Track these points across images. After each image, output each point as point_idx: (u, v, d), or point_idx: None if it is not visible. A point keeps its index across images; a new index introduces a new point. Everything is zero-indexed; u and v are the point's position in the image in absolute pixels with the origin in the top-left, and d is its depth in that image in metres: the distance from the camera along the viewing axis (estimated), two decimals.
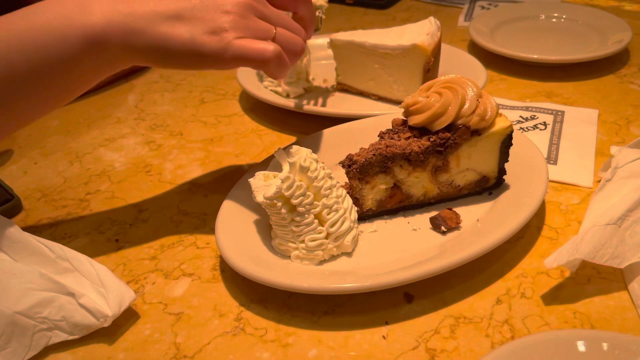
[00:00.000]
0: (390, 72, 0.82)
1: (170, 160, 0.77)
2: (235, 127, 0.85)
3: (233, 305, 0.53)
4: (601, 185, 0.59)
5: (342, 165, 0.56)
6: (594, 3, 1.21)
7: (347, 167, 0.56)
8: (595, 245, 0.48)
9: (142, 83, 1.02)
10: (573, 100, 0.84)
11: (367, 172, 0.56)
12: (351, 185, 0.57)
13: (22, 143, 0.85)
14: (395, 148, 0.55)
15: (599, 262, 0.48)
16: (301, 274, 0.52)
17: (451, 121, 0.55)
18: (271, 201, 0.51)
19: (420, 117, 0.56)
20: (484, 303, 0.50)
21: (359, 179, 0.57)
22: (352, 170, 0.56)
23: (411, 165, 0.57)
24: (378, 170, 0.57)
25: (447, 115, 0.55)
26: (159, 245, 0.61)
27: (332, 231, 0.53)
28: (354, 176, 0.56)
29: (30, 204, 0.70)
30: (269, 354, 0.48)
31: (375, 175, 0.57)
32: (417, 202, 0.61)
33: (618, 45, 0.91)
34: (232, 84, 0.98)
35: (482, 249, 0.50)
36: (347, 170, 0.56)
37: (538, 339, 0.42)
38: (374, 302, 0.51)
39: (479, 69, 0.85)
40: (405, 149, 0.55)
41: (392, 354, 0.46)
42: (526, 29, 1.07)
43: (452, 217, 0.57)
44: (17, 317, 0.47)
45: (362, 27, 1.18)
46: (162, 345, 0.49)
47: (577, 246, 0.49)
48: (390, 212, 0.60)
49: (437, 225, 0.57)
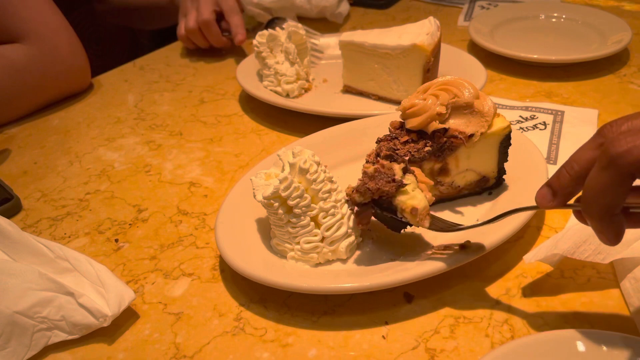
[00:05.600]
0: (390, 72, 0.82)
1: (170, 160, 0.77)
2: (235, 127, 0.85)
3: (233, 305, 0.53)
4: None
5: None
6: (593, 3, 1.21)
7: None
8: (575, 242, 0.49)
9: (142, 83, 1.02)
10: (573, 100, 0.84)
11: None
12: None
13: (22, 143, 0.85)
14: (385, 185, 0.50)
15: (579, 258, 0.49)
16: (301, 274, 0.52)
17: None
18: (268, 201, 0.51)
19: (418, 119, 0.56)
20: (483, 303, 0.50)
21: None
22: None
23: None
24: None
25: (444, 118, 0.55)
26: (158, 245, 0.61)
27: (327, 235, 0.53)
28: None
29: (29, 203, 0.70)
30: (269, 354, 0.47)
31: None
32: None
33: (618, 45, 0.91)
34: (232, 84, 0.98)
35: (482, 249, 0.50)
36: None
37: (538, 339, 0.42)
38: (373, 302, 0.51)
39: (479, 69, 0.85)
40: (395, 179, 0.50)
41: (392, 354, 0.46)
42: (526, 29, 1.07)
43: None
44: (16, 317, 0.47)
45: (362, 27, 1.18)
46: (162, 345, 0.49)
47: (556, 243, 0.49)
48: None
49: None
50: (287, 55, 0.87)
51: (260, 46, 0.87)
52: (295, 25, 0.91)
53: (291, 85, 0.86)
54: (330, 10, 1.17)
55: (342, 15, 1.20)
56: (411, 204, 0.48)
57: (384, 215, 0.51)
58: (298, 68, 0.87)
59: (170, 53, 1.15)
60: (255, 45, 0.87)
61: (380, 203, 0.51)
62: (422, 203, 0.48)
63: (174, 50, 1.17)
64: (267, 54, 0.87)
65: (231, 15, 1.05)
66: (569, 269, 0.53)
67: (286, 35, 0.88)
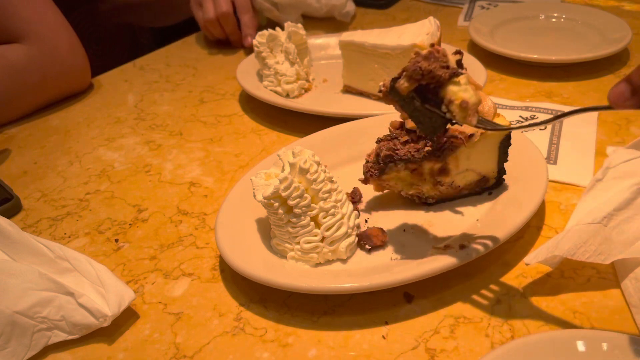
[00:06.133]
0: (390, 72, 0.82)
1: (169, 160, 0.77)
2: (235, 127, 0.85)
3: (233, 305, 0.53)
4: (591, 184, 0.59)
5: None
6: (593, 3, 1.21)
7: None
8: (576, 243, 0.49)
9: (142, 83, 1.02)
10: (573, 100, 0.84)
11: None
12: None
13: (22, 143, 0.85)
14: (439, 69, 0.45)
15: (580, 259, 0.49)
16: (301, 274, 0.52)
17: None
18: (268, 201, 0.51)
19: None
20: (483, 303, 0.50)
21: None
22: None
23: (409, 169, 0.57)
24: None
25: None
26: (158, 245, 0.61)
27: (327, 235, 0.53)
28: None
29: (29, 203, 0.70)
30: (269, 353, 0.47)
31: None
32: (417, 202, 0.61)
33: (618, 45, 0.91)
34: (231, 84, 0.98)
35: (482, 249, 0.50)
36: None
37: (538, 339, 0.42)
38: (373, 302, 0.51)
39: (479, 69, 0.85)
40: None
41: (392, 354, 0.46)
42: (526, 29, 1.07)
43: (377, 235, 0.55)
44: (16, 317, 0.47)
45: (361, 27, 1.18)
46: (162, 345, 0.49)
47: (557, 244, 0.49)
48: None
49: (362, 243, 0.55)
50: (287, 55, 0.87)
51: (260, 46, 0.87)
52: (295, 25, 0.91)
53: (291, 85, 0.86)
54: (338, 10, 1.17)
55: (350, 15, 1.19)
56: (462, 96, 0.43)
57: (424, 110, 0.45)
58: (298, 68, 0.87)
59: (170, 53, 1.16)
60: (255, 45, 0.88)
61: (424, 93, 0.45)
62: (474, 98, 0.44)
63: (174, 50, 1.17)
64: (267, 54, 0.87)
65: (242, 13, 1.06)
66: (569, 269, 0.53)
67: (286, 35, 0.88)
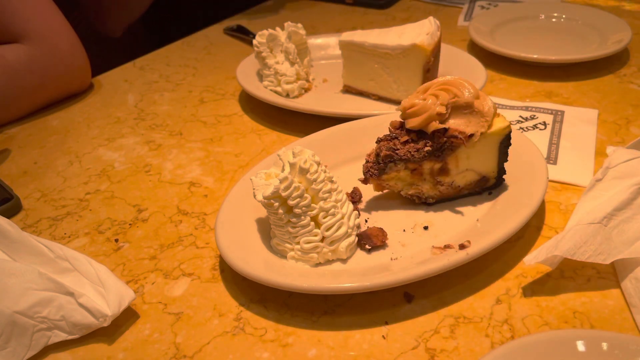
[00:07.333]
0: (390, 72, 0.82)
1: (169, 160, 0.77)
2: (235, 126, 0.85)
3: (233, 305, 0.53)
4: (591, 184, 0.59)
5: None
6: (593, 3, 1.21)
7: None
8: (576, 243, 0.49)
9: (142, 83, 1.02)
10: (573, 100, 0.84)
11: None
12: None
13: (22, 143, 0.85)
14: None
15: (580, 259, 0.49)
16: (301, 274, 0.52)
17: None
18: (268, 201, 0.51)
19: (418, 119, 0.55)
20: (483, 303, 0.50)
21: None
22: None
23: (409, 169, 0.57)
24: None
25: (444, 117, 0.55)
26: (158, 245, 0.61)
27: (327, 235, 0.53)
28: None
29: (29, 203, 0.70)
30: (269, 353, 0.47)
31: None
32: (417, 202, 0.61)
33: (618, 45, 0.91)
34: (231, 84, 0.98)
35: (482, 249, 0.50)
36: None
37: (538, 339, 0.42)
38: (373, 302, 0.51)
39: (479, 69, 0.85)
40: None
41: (392, 354, 0.46)
42: (526, 29, 1.07)
43: (377, 235, 0.55)
44: (16, 317, 0.46)
45: (361, 27, 1.18)
46: (162, 345, 0.49)
47: (557, 244, 0.49)
48: None
49: (362, 243, 0.55)
50: (287, 55, 0.87)
51: (260, 46, 0.87)
52: (295, 25, 0.91)
53: (291, 85, 0.86)
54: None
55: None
56: None
57: None
58: (298, 68, 0.87)
59: (170, 53, 1.16)
60: (255, 45, 0.87)
61: None
62: None
63: (174, 50, 1.17)
64: (267, 54, 0.87)
65: None
66: (569, 269, 0.53)
67: (286, 35, 0.88)
